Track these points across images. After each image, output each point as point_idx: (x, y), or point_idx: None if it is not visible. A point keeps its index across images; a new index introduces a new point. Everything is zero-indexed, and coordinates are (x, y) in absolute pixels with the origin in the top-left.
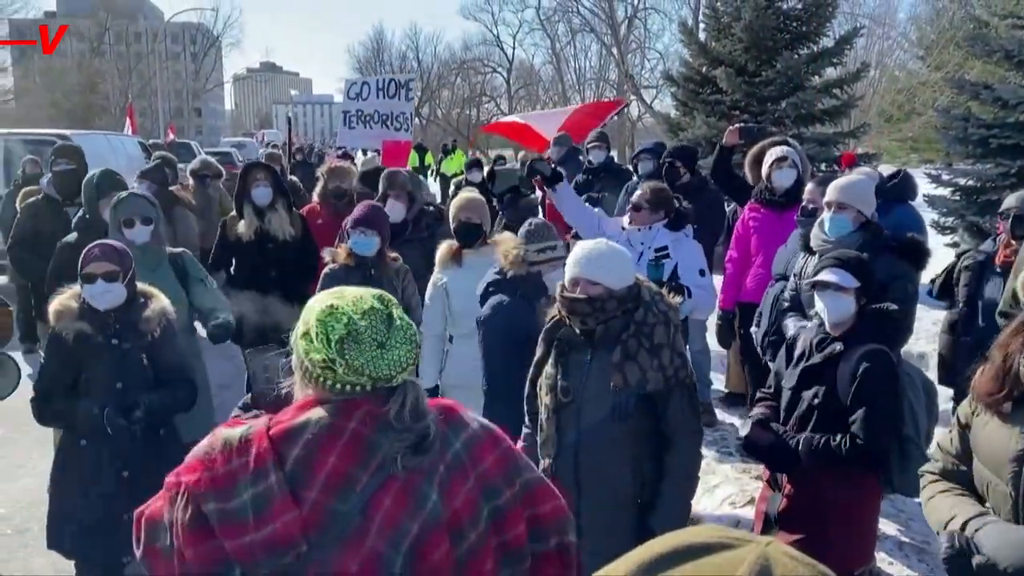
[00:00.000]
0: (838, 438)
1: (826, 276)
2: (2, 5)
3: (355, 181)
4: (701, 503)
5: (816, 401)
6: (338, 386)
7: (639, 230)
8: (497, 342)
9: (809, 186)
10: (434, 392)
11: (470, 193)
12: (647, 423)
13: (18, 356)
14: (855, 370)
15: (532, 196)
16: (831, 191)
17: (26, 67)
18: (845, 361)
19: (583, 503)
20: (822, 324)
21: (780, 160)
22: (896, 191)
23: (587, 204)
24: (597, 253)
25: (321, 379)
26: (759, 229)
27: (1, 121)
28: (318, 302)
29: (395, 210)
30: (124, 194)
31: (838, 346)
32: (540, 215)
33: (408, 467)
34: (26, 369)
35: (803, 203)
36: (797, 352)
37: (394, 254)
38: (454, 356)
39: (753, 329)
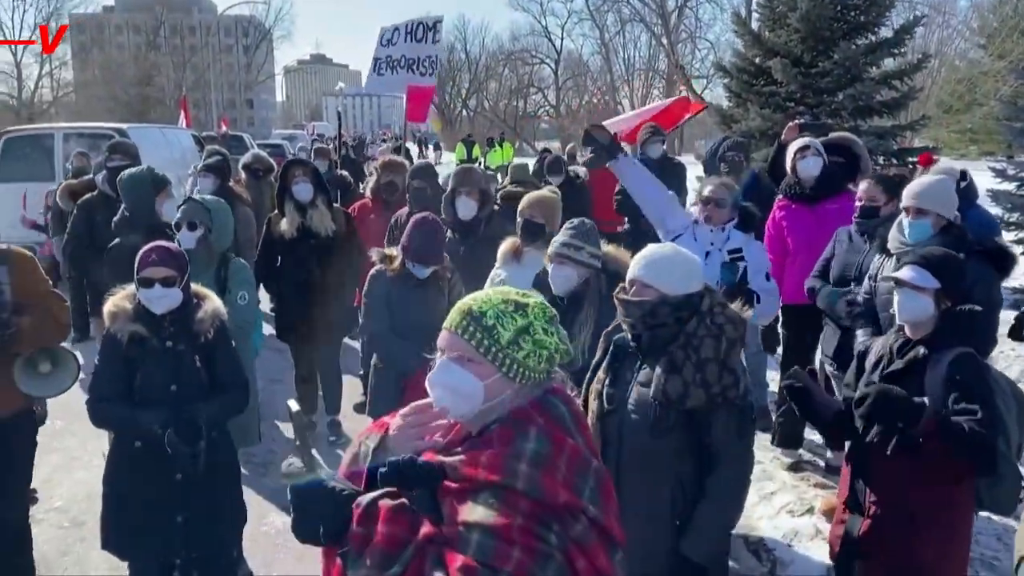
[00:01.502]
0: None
1: (903, 273)
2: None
3: (407, 177)
4: (757, 510)
5: None
6: (550, 375)
7: (712, 230)
8: None
9: (864, 184)
10: None
11: (541, 192)
12: (691, 441)
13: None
14: (948, 376)
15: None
16: (908, 196)
17: (85, 60)
18: (933, 368)
19: (623, 516)
20: (901, 328)
21: (803, 149)
22: (966, 194)
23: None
24: (659, 256)
25: (542, 374)
26: (794, 227)
27: (62, 113)
28: (507, 304)
29: (467, 208)
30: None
31: (921, 350)
32: None
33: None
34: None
35: (859, 202)
36: (872, 359)
37: (446, 264)
38: None
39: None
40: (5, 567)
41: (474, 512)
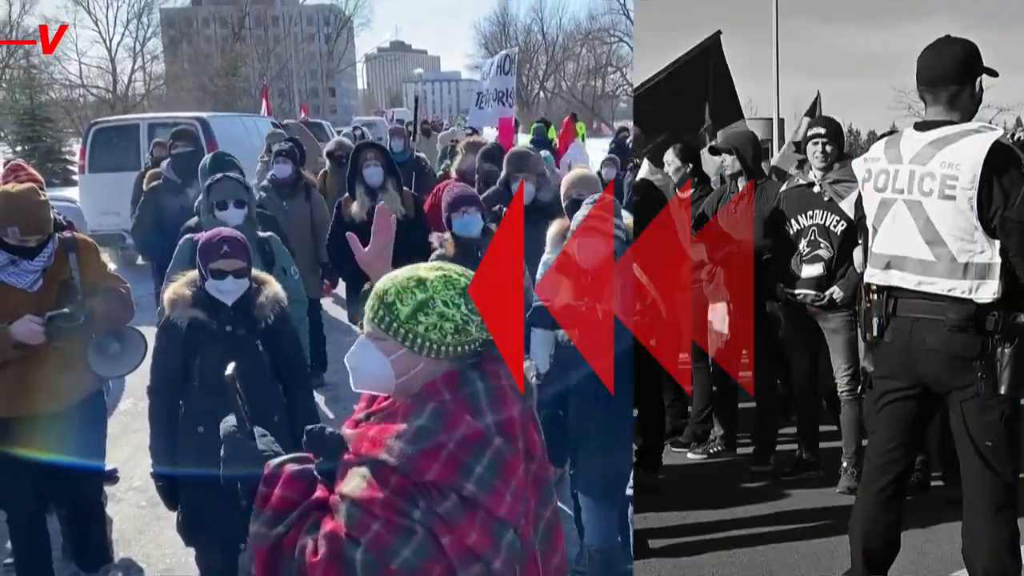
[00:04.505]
0: None
1: None
2: None
3: (478, 159)
4: None
5: None
6: (467, 347)
7: None
8: None
9: None
10: None
11: (581, 170)
12: None
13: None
14: None
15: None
16: None
17: (174, 53)
18: None
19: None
20: None
21: None
22: None
23: None
24: None
25: (452, 347)
26: None
27: (154, 105)
28: (410, 280)
29: (526, 191)
30: (217, 176)
31: None
32: None
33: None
34: None
35: None
36: None
37: None
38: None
39: None
40: (83, 544)
41: (350, 483)
